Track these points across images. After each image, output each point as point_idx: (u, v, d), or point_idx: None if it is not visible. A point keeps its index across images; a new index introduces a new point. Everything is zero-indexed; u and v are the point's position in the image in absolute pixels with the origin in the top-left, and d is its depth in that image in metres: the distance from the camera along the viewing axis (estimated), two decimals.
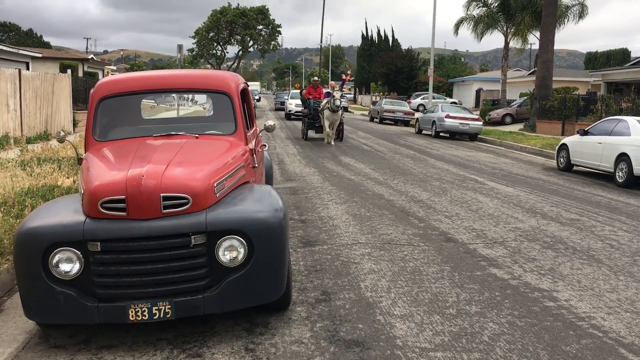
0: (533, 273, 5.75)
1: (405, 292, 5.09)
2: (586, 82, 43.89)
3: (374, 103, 45.36)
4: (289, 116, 34.74)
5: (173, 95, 6.17)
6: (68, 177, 9.16)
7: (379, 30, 74.58)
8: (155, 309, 3.80)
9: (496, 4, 35.78)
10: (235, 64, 69.90)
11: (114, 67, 67.83)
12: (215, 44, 66.90)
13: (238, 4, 64.95)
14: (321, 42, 73.18)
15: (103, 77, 47.88)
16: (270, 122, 5.61)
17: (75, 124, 20.56)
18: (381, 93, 60.71)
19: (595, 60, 58.10)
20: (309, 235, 7.00)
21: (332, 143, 18.78)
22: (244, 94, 5.63)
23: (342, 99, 18.57)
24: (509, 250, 6.55)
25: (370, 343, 4.04)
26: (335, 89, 18.55)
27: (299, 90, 42.18)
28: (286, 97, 40.70)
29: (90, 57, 46.99)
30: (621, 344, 4.16)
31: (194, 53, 65.33)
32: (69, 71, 22.51)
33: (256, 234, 3.91)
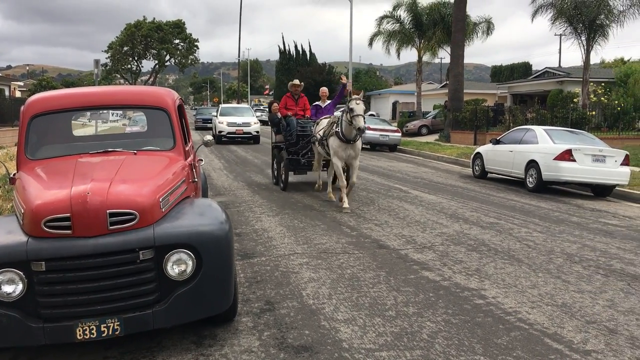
0: (462, 274, 6.12)
1: (345, 297, 5.29)
2: (494, 94, 46.45)
3: None
4: (219, 139, 25.80)
5: (107, 112, 6.09)
6: None
7: (296, 45, 75.32)
8: (104, 327, 3.77)
9: (409, 21, 37.29)
10: (152, 79, 68.38)
11: (21, 83, 64.51)
12: (130, 59, 65.17)
13: (154, 18, 63.75)
14: (239, 56, 72.88)
15: (10, 93, 45.41)
16: (209, 137, 5.68)
17: None
18: None
19: (500, 74, 61.47)
20: (245, 247, 7.07)
21: (346, 202, 9.61)
22: (180, 109, 5.67)
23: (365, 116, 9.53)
24: (438, 254, 6.92)
25: (318, 347, 4.19)
26: (355, 97, 9.20)
27: (242, 105, 36.31)
28: (214, 114, 31.68)
29: None
30: (545, 334, 4.54)
31: (108, 68, 63.34)
32: None
33: (204, 247, 3.97)
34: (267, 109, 45.67)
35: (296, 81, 12.31)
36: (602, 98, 28.14)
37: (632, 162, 14.07)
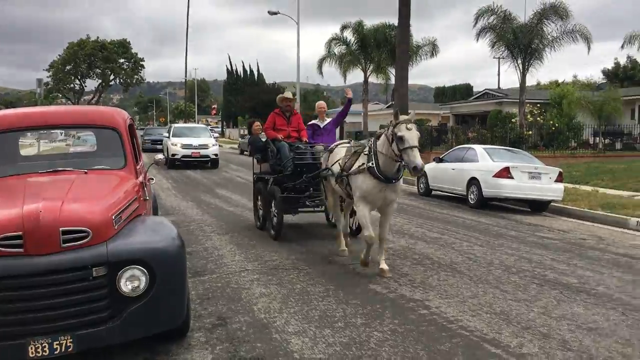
0: (407, 286, 6.38)
1: (296, 311, 5.44)
2: (437, 114, 47.88)
3: (242, 136, 45.73)
4: (172, 162, 22.89)
5: (56, 132, 6.09)
6: None
7: (244, 65, 75.63)
8: (57, 344, 3.79)
9: (355, 42, 38.16)
10: (95, 98, 67.02)
11: None
12: (72, 77, 63.75)
13: (98, 37, 62.70)
14: (186, 75, 72.52)
15: None
16: (160, 156, 5.76)
17: None
18: None
19: (443, 94, 63.50)
20: (196, 265, 7.13)
21: (383, 262, 6.92)
22: (131, 128, 5.74)
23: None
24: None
25: (270, 359, 4.33)
26: (404, 120, 6.49)
27: (198, 125, 32.42)
28: (165, 135, 27.85)
29: None
30: (485, 339, 4.82)
31: (49, 87, 61.73)
32: None
33: (157, 263, 4.05)
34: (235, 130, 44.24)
35: (288, 93, 9.75)
36: (538, 118, 29.56)
37: (566, 179, 14.84)
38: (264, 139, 9.65)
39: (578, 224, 11.60)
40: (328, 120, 9.77)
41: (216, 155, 23.84)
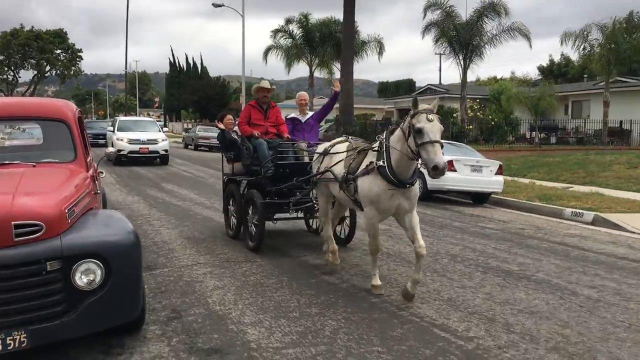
0: (358, 276, 6.54)
1: (251, 302, 5.50)
2: (381, 108, 48.62)
3: (187, 130, 45.11)
4: (117, 159, 21.13)
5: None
6: None
7: (187, 58, 74.44)
8: (10, 339, 3.71)
9: (300, 36, 38.20)
10: (30, 90, 64.38)
11: None
12: (6, 69, 60.98)
13: (32, 27, 60.17)
14: (126, 67, 70.64)
15: None
16: (111, 149, 5.68)
17: None
18: (193, 120, 60.51)
19: (387, 89, 64.47)
20: (146, 260, 7.04)
21: (376, 278, 5.98)
22: (80, 121, 5.63)
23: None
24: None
25: (228, 349, 4.38)
26: (424, 110, 5.23)
27: (146, 119, 30.12)
28: (109, 128, 25.72)
29: None
30: (434, 325, 5.03)
31: None
32: None
33: (113, 256, 4.03)
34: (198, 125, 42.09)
35: (265, 83, 8.41)
36: (478, 113, 30.51)
37: (505, 172, 15.43)
38: (237, 136, 8.54)
39: (517, 214, 12.11)
40: (310, 114, 8.68)
41: (166, 151, 22.39)
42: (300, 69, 39.71)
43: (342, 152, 6.46)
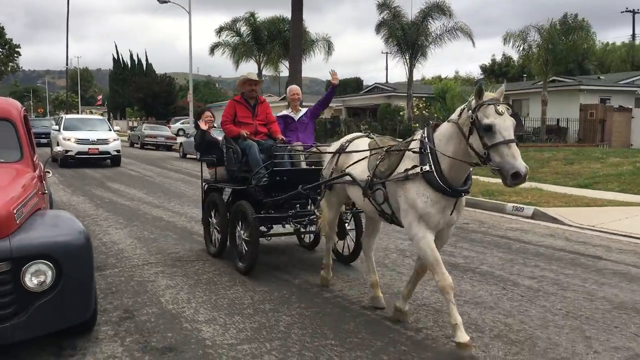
0: (310, 272, 6.64)
1: (204, 300, 5.52)
2: (330, 107, 48.88)
3: (132, 128, 44.19)
4: (64, 160, 19.58)
5: None
6: None
7: (131, 54, 72.82)
8: None
9: (248, 34, 38.02)
10: None
11: None
12: None
13: None
14: (67, 64, 68.34)
15: None
16: (59, 148, 5.58)
17: None
18: (138, 118, 59.27)
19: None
20: (96, 260, 6.77)
21: (404, 302, 5.11)
22: (26, 120, 5.50)
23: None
24: (288, 256, 7.40)
25: (182, 347, 4.40)
26: (491, 100, 4.23)
27: (94, 117, 28.18)
28: (54, 127, 23.36)
29: None
30: (385, 317, 5.19)
31: None
32: None
33: (63, 257, 3.99)
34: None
35: (252, 74, 7.35)
36: (425, 111, 31.18)
37: None
38: (215, 138, 7.69)
39: None
40: (303, 110, 7.64)
41: (118, 151, 20.92)
42: (249, 67, 39.59)
43: (364, 150, 5.34)
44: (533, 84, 37.95)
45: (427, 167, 4.44)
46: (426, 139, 4.59)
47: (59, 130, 21.23)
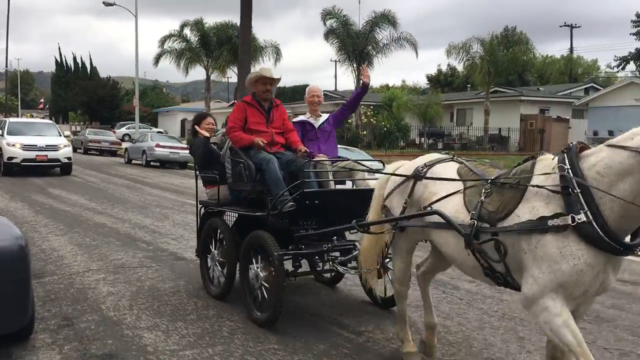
0: None
1: (147, 307, 5.47)
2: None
3: (75, 133, 42.98)
4: (8, 168, 18.00)
5: None
6: None
7: (75, 57, 70.83)
8: None
9: (196, 39, 37.61)
10: None
11: None
12: None
13: None
14: (6, 66, 65.93)
15: None
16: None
17: None
18: (82, 123, 57.71)
19: (284, 94, 64.91)
20: (33, 267, 6.65)
21: None
22: None
23: None
24: None
25: (123, 354, 4.35)
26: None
27: (42, 121, 26.79)
28: None
29: None
30: (328, 322, 5.27)
31: None
32: None
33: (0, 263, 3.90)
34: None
35: (266, 69, 5.82)
36: (372, 119, 31.68)
37: None
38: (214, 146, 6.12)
39: None
40: (325, 116, 6.26)
41: (69, 159, 19.05)
42: (198, 72, 39.10)
43: (455, 179, 3.81)
44: (476, 94, 39.13)
45: (581, 217, 3.05)
46: (569, 171, 3.15)
47: (2, 135, 19.05)
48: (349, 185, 5.71)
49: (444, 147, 33.05)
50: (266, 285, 4.95)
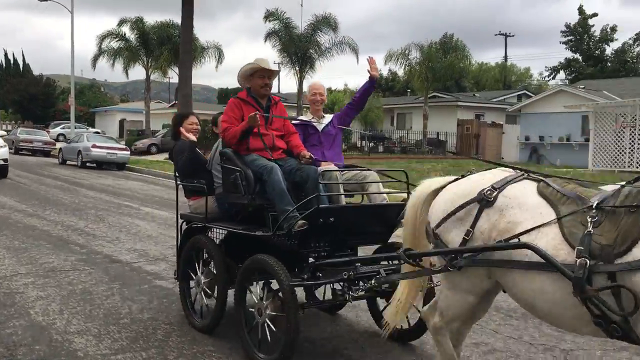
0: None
1: (78, 311, 5.32)
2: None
3: (7, 132, 41.16)
4: None
5: None
6: None
7: (6, 53, 67.77)
8: None
9: (135, 38, 36.73)
10: None
11: None
12: None
13: None
14: None
15: None
16: None
17: None
18: (13, 122, 55.30)
19: (226, 96, 64.34)
20: None
21: None
22: None
23: None
24: (171, 264, 7.25)
25: (52, 359, 4.22)
26: None
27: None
28: None
29: None
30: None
31: None
32: None
33: None
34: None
35: (263, 60, 4.96)
36: None
37: None
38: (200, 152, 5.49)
39: None
40: (329, 117, 5.64)
41: (6, 160, 17.49)
42: (138, 72, 38.19)
43: (541, 207, 2.92)
44: (415, 99, 40.04)
45: None
46: None
47: None
48: (357, 198, 5.12)
49: (385, 150, 33.65)
50: (273, 322, 4.06)
